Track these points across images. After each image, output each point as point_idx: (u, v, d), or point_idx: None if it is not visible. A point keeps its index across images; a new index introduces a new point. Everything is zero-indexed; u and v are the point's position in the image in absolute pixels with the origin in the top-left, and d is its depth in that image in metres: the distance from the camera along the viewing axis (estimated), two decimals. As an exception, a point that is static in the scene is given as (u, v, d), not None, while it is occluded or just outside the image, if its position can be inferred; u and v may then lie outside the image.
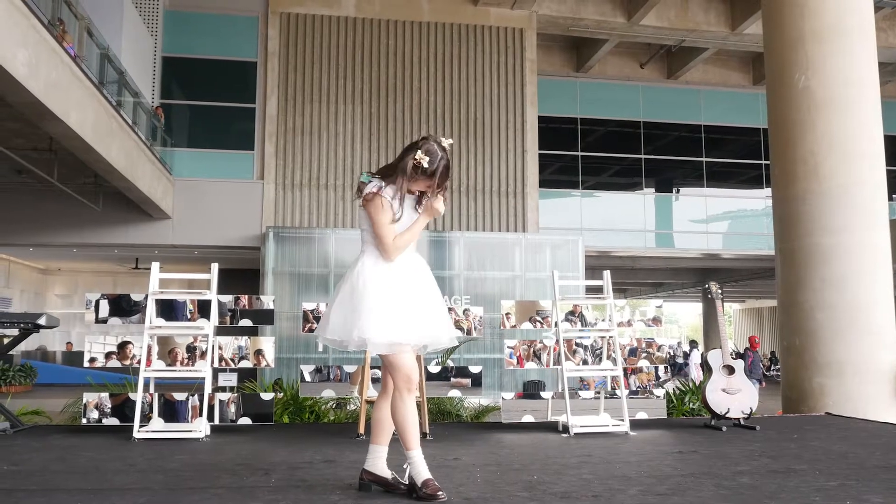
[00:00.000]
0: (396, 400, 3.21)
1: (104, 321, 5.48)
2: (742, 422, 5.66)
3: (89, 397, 5.43)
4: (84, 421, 5.39)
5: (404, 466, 3.22)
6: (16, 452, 4.42)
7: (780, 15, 8.00)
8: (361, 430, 5.17)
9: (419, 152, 3.21)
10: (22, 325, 5.70)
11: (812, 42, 7.66)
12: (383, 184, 3.24)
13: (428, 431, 5.20)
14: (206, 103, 15.97)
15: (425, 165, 3.20)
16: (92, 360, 5.49)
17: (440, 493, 3.12)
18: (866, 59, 7.67)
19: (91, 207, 13.95)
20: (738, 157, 19.87)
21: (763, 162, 18.71)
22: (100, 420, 5.37)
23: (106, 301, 5.48)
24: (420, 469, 3.17)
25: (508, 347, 5.88)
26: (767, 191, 16.79)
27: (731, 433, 5.40)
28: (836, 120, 7.52)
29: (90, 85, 9.93)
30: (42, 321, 5.61)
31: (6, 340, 6.03)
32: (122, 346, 5.46)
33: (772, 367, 26.86)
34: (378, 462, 3.29)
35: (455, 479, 3.65)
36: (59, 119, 8.79)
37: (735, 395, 5.64)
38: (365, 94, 15.88)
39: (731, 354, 5.82)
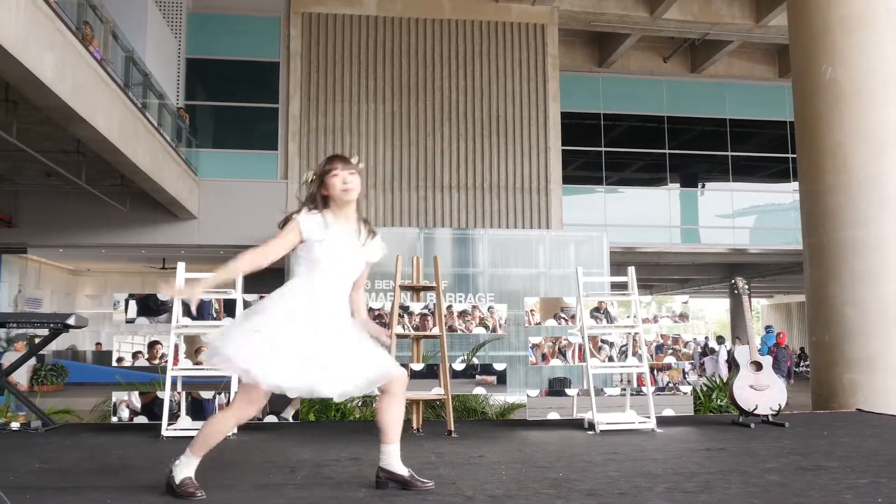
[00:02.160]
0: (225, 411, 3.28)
1: (132, 321, 5.54)
2: (770, 418, 5.59)
3: (118, 396, 5.50)
4: (114, 419, 5.46)
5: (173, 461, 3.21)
6: (47, 450, 4.49)
7: (806, 6, 7.89)
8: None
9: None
10: (52, 326, 5.79)
11: (839, 33, 7.54)
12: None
13: (452, 429, 5.19)
14: (229, 104, 16.10)
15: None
16: (120, 359, 5.55)
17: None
18: (894, 50, 7.53)
19: (118, 209, 14.12)
20: (765, 150, 19.64)
21: (790, 155, 18.48)
22: (130, 419, 5.43)
23: (134, 301, 5.54)
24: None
25: (533, 345, 5.86)
26: (794, 184, 16.54)
27: (760, 430, 5.34)
28: (865, 111, 7.39)
29: (116, 87, 10.05)
30: (71, 321, 5.68)
31: (37, 340, 6.12)
32: (152, 345, 5.52)
33: (801, 364, 26.53)
34: (391, 460, 3.29)
35: (480, 476, 3.65)
36: (86, 122, 8.91)
37: (763, 392, 5.58)
38: (387, 92, 15.91)
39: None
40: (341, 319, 3.19)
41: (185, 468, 3.18)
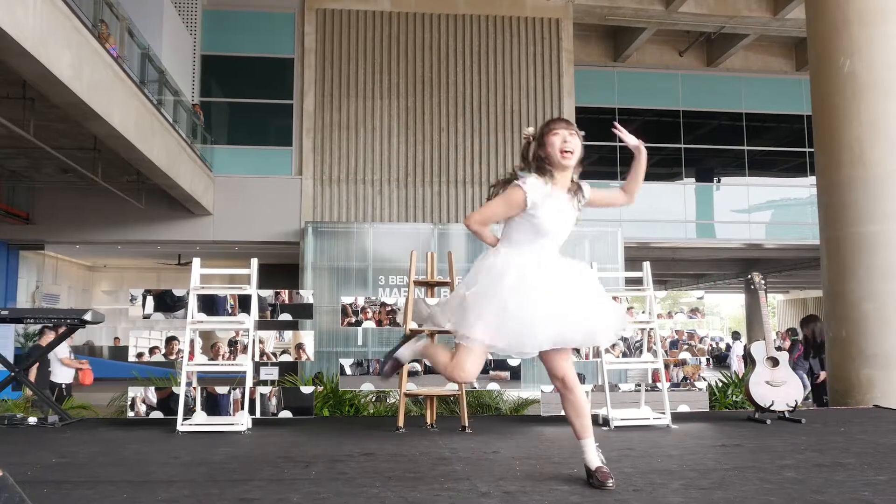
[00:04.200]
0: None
1: (148, 317, 5.58)
2: (787, 415, 5.55)
3: (135, 391, 5.54)
4: (130, 414, 5.50)
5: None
6: (64, 445, 4.53)
7: (824, -2, 7.81)
8: (401, 423, 5.19)
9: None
10: (69, 321, 5.84)
11: (857, 25, 7.45)
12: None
13: (466, 425, 5.20)
14: (244, 100, 16.16)
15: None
16: (138, 354, 5.59)
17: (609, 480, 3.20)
18: (914, 42, 7.44)
19: (134, 205, 14.21)
20: (781, 144, 19.47)
21: (807, 149, 18.31)
22: (146, 413, 5.47)
23: (151, 297, 5.58)
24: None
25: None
26: (811, 179, 16.43)
27: (776, 426, 5.30)
28: (883, 105, 7.31)
29: (132, 84, 10.10)
30: (88, 317, 5.73)
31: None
32: (169, 340, 5.55)
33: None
34: (585, 455, 3.32)
35: (495, 472, 3.65)
36: (103, 119, 8.96)
37: (779, 388, 5.54)
38: (401, 88, 15.91)
39: (775, 342, 5.72)
40: (568, 275, 3.23)
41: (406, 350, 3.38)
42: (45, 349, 7.93)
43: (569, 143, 3.17)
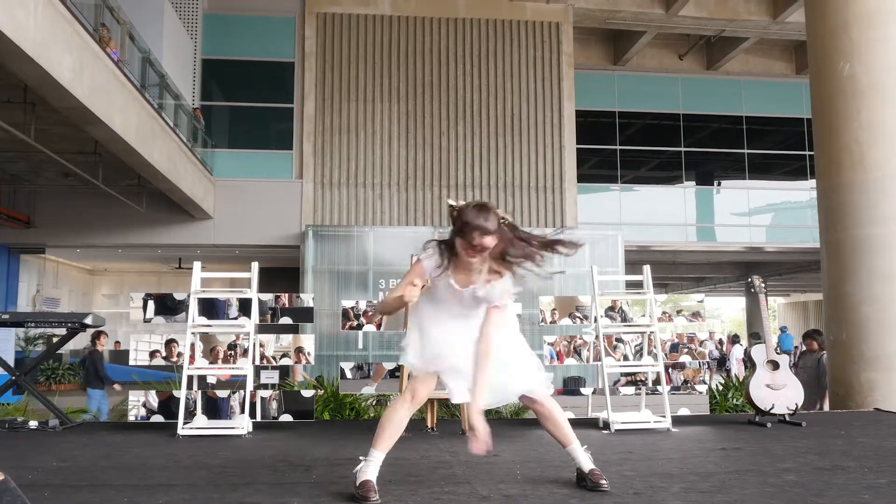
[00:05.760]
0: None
1: (149, 320, 5.59)
2: (787, 418, 5.55)
3: (135, 395, 5.54)
4: (130, 418, 5.50)
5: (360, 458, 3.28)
6: (65, 449, 4.53)
7: (824, 1, 7.82)
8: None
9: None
10: (69, 325, 5.84)
11: (857, 28, 7.46)
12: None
13: (467, 429, 5.19)
14: (245, 104, 16.18)
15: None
16: (137, 357, 5.59)
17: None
18: (914, 45, 7.45)
19: (135, 209, 14.22)
20: (781, 148, 19.49)
21: (807, 153, 18.33)
22: (146, 417, 5.47)
23: (152, 300, 5.58)
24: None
25: (548, 344, 5.85)
26: (811, 182, 16.42)
27: (776, 429, 5.30)
28: (883, 108, 7.32)
29: (133, 88, 10.12)
30: (88, 320, 5.73)
31: (55, 339, 6.18)
32: (168, 343, 5.55)
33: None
34: (575, 460, 3.40)
35: (495, 475, 3.65)
36: (103, 123, 8.97)
37: (780, 391, 5.54)
38: (402, 91, 15.92)
39: (777, 350, 5.71)
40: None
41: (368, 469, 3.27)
42: (46, 352, 7.92)
43: (477, 247, 3.18)
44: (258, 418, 5.38)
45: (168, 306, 5.59)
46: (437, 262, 3.29)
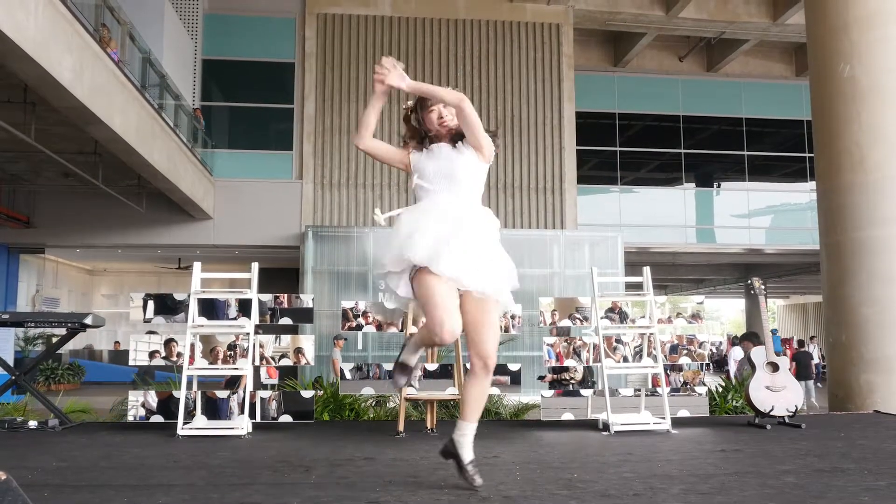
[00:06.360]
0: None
1: (149, 320, 5.59)
2: (787, 420, 5.55)
3: (135, 395, 5.53)
4: (130, 418, 5.50)
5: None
6: (64, 449, 4.53)
7: (824, 3, 7.83)
8: (401, 427, 5.19)
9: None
10: (69, 325, 5.84)
11: (857, 30, 7.47)
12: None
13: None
14: (245, 105, 16.19)
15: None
16: (137, 358, 5.58)
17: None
18: (914, 47, 7.45)
19: (135, 209, 14.22)
20: (781, 150, 19.50)
21: (807, 154, 18.33)
22: (146, 417, 5.47)
23: (151, 300, 5.58)
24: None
25: (547, 345, 5.85)
26: (811, 184, 16.44)
27: (776, 431, 5.30)
28: (883, 110, 7.33)
29: (133, 89, 10.12)
30: (88, 321, 5.73)
31: (55, 339, 6.18)
32: (167, 343, 5.55)
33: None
34: (461, 439, 3.30)
35: (495, 476, 3.64)
36: (104, 123, 8.97)
37: (779, 393, 5.54)
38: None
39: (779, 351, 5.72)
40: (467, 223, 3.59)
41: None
42: (46, 352, 7.92)
43: (445, 116, 3.65)
44: (258, 419, 5.37)
45: (167, 306, 5.59)
46: (417, 146, 3.67)
